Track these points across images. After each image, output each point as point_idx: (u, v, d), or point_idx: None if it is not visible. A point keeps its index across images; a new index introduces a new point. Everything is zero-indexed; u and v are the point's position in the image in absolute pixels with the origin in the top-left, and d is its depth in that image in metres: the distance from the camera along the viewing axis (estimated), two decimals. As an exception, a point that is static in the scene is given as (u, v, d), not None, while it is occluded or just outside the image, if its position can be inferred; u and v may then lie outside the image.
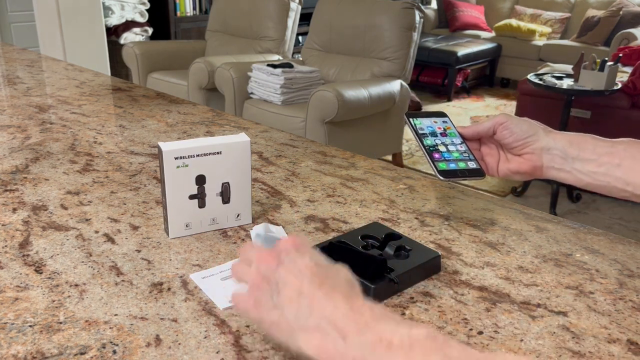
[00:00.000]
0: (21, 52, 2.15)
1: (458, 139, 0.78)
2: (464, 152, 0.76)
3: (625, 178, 0.67)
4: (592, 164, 0.70)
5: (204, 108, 1.44)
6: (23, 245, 0.75)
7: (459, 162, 0.75)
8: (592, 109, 3.22)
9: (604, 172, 0.69)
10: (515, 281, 0.69)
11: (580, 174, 0.71)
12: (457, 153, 0.76)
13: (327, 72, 3.36)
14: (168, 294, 0.65)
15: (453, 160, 0.75)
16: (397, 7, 3.15)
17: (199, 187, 0.76)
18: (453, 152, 0.76)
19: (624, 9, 5.40)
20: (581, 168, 0.70)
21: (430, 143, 0.76)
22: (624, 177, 0.67)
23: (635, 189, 0.67)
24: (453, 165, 0.74)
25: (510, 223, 0.84)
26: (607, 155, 0.69)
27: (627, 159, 0.68)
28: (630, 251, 0.77)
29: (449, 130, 0.79)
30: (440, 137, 0.77)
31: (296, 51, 4.20)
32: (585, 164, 0.70)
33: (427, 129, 0.78)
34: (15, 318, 0.60)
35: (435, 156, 0.75)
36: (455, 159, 0.75)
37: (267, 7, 3.68)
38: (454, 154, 0.76)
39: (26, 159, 1.05)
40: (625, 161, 0.68)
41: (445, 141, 0.77)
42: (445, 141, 0.77)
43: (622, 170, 0.68)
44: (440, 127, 0.79)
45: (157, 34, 4.79)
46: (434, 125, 0.79)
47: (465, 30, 6.31)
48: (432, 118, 0.80)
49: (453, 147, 0.77)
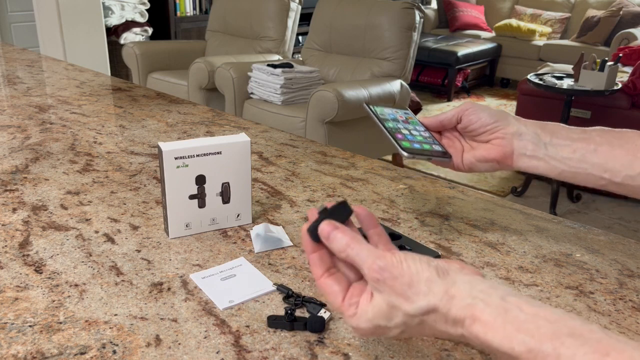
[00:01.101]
0: (21, 52, 2.15)
1: (421, 127, 0.76)
2: (428, 137, 0.74)
3: (602, 164, 0.63)
4: (567, 149, 0.65)
5: (204, 108, 1.44)
6: (23, 245, 0.75)
7: (424, 144, 0.72)
8: (592, 109, 3.22)
9: (579, 157, 0.64)
10: (515, 281, 0.69)
11: (553, 160, 0.66)
12: (420, 137, 0.73)
13: (327, 72, 3.36)
14: (168, 294, 0.65)
15: (417, 142, 0.72)
16: (397, 7, 3.15)
17: (198, 187, 0.76)
18: (417, 136, 0.73)
19: (624, 9, 5.40)
20: (555, 154, 0.66)
21: (392, 126, 0.73)
22: (601, 163, 0.63)
23: (612, 176, 0.63)
24: (417, 145, 0.71)
25: (510, 223, 0.84)
26: (582, 140, 0.65)
27: (603, 144, 0.64)
28: (630, 251, 0.77)
29: (410, 119, 0.77)
30: (403, 124, 0.75)
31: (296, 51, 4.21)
32: (559, 149, 0.65)
33: (389, 116, 0.76)
34: (15, 318, 0.60)
35: (399, 136, 0.71)
36: (420, 141, 0.72)
37: (267, 7, 3.68)
38: (417, 137, 0.73)
39: (26, 159, 1.05)
40: (602, 147, 0.64)
41: (407, 127, 0.75)
42: (407, 127, 0.75)
43: (598, 156, 0.63)
44: (401, 116, 0.77)
45: (157, 34, 4.79)
46: (395, 114, 0.77)
47: (465, 30, 6.31)
48: (393, 108, 0.79)
49: (416, 132, 0.74)
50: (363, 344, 0.57)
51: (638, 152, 0.61)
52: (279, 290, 0.66)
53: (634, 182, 0.61)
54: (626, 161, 0.61)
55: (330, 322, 0.60)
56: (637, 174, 0.61)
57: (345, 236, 0.45)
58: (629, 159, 0.61)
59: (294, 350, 0.56)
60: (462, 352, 0.56)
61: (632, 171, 0.61)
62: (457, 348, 0.57)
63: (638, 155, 0.61)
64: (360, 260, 0.44)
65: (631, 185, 0.62)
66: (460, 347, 0.57)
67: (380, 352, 0.56)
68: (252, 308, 0.63)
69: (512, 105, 5.21)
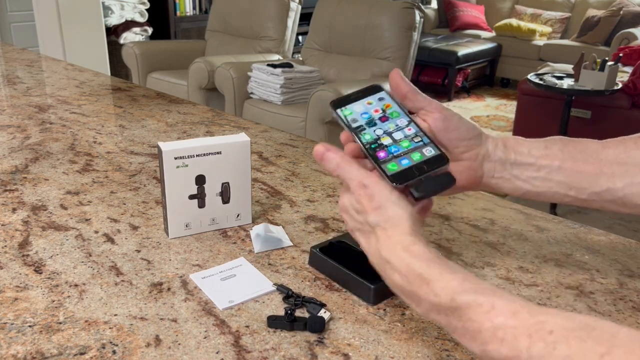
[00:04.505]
0: (21, 52, 2.15)
1: (403, 117, 0.59)
2: (414, 137, 0.57)
3: (567, 182, 0.61)
4: (531, 168, 0.61)
5: (204, 108, 1.44)
6: (23, 245, 0.74)
7: (412, 152, 0.56)
8: (592, 109, 3.22)
9: (543, 176, 0.61)
10: (515, 281, 0.69)
11: (518, 180, 0.62)
12: (406, 141, 0.57)
13: (327, 72, 3.36)
14: (168, 294, 0.65)
15: (404, 154, 0.56)
16: (397, 7, 3.14)
17: (198, 187, 0.76)
18: (401, 141, 0.57)
19: (624, 9, 5.40)
20: (519, 174, 0.62)
21: (370, 138, 0.57)
22: (566, 181, 0.61)
23: (578, 193, 0.61)
24: (406, 161, 0.56)
25: (510, 223, 0.84)
26: (545, 157, 0.61)
27: (567, 160, 0.61)
28: (631, 251, 0.77)
29: (388, 109, 0.60)
30: (381, 124, 0.58)
31: (296, 51, 4.20)
32: (523, 168, 0.62)
33: (362, 118, 0.59)
34: (15, 318, 0.60)
35: (381, 155, 0.56)
36: (407, 151, 0.56)
37: (267, 7, 3.68)
38: (402, 144, 0.57)
39: (26, 159, 1.05)
40: (566, 163, 0.61)
41: (387, 128, 0.58)
42: (387, 128, 0.58)
43: (563, 174, 0.61)
44: (377, 109, 0.60)
45: (157, 34, 4.79)
46: (369, 109, 0.60)
47: (466, 30, 6.31)
48: (365, 99, 0.60)
49: (400, 133, 0.58)
50: (363, 344, 0.57)
51: (603, 166, 0.59)
52: (279, 291, 0.66)
53: (600, 198, 0.60)
54: (591, 178, 0.60)
55: (330, 322, 0.60)
56: (603, 190, 0.59)
57: (337, 156, 0.54)
58: (594, 175, 0.59)
59: (294, 350, 0.56)
60: (462, 352, 0.56)
61: (597, 187, 0.59)
62: (457, 348, 0.57)
63: (604, 170, 0.59)
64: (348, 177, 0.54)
65: (597, 200, 0.61)
66: (460, 347, 0.57)
67: (380, 352, 0.56)
68: (252, 308, 0.63)
69: (512, 105, 5.20)
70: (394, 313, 0.62)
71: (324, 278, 0.69)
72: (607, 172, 0.59)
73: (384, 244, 0.49)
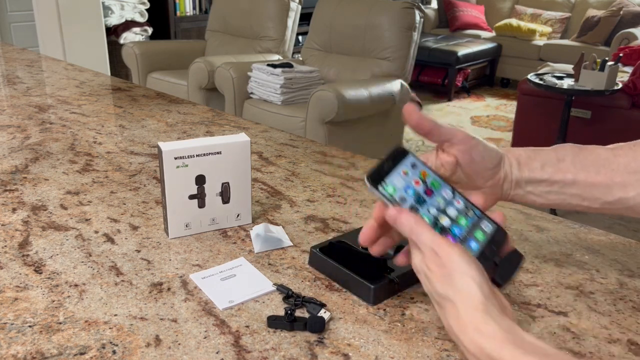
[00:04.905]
0: (21, 52, 2.15)
1: (444, 187, 0.54)
2: (467, 211, 0.53)
3: (580, 194, 0.62)
4: (544, 184, 0.62)
5: (204, 108, 1.44)
6: (23, 245, 0.74)
7: (474, 231, 0.52)
8: (592, 109, 3.22)
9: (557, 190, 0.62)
10: (515, 281, 0.69)
11: (532, 195, 0.63)
12: (462, 218, 0.53)
13: (327, 72, 3.36)
14: (168, 294, 0.65)
15: (468, 235, 0.52)
16: (397, 7, 3.14)
17: (198, 187, 0.76)
18: (458, 219, 0.52)
19: (624, 9, 5.40)
20: (533, 190, 0.63)
21: (429, 221, 0.51)
22: (580, 193, 0.62)
23: (591, 203, 0.62)
24: (474, 244, 0.51)
25: (510, 223, 0.84)
26: (557, 172, 0.62)
27: (580, 172, 0.61)
28: (631, 251, 0.77)
29: (427, 178, 0.54)
30: (430, 199, 0.52)
31: (296, 51, 4.20)
32: (538, 185, 0.62)
33: (409, 195, 0.52)
34: (15, 318, 0.60)
35: None
36: (468, 230, 0.52)
37: (267, 7, 3.68)
38: (461, 222, 0.52)
39: (26, 159, 1.05)
40: (579, 175, 0.61)
41: (438, 204, 0.52)
42: (438, 204, 0.52)
43: (577, 187, 0.61)
44: (416, 179, 0.53)
45: (157, 34, 4.79)
46: (408, 181, 0.53)
47: (466, 30, 6.31)
48: (399, 168, 0.53)
49: (452, 209, 0.53)
50: (363, 344, 0.57)
51: (615, 176, 0.60)
52: (279, 291, 0.66)
53: (613, 207, 0.62)
54: (604, 189, 0.61)
55: (330, 322, 0.60)
56: (615, 199, 0.60)
57: (410, 219, 0.51)
58: (607, 187, 0.61)
59: (294, 350, 0.56)
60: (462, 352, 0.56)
61: (610, 197, 0.61)
62: (457, 348, 0.57)
63: (615, 180, 0.60)
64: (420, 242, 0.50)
65: (610, 208, 0.62)
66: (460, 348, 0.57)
67: (380, 352, 0.56)
68: (252, 308, 0.63)
69: (512, 105, 5.20)
70: (394, 313, 0.62)
71: (324, 278, 0.69)
72: (619, 182, 0.60)
73: (454, 321, 0.47)
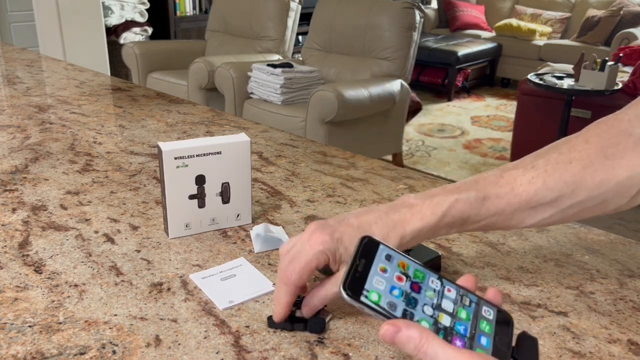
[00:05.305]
0: (21, 52, 2.15)
1: (429, 275, 0.48)
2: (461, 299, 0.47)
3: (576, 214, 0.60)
4: None
5: (203, 108, 1.44)
6: (23, 246, 0.74)
7: (478, 323, 0.46)
8: (592, 109, 3.22)
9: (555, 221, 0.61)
10: (515, 281, 0.69)
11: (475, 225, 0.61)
12: (461, 310, 0.46)
13: (327, 72, 3.36)
14: (168, 294, 0.65)
15: (474, 331, 0.45)
16: (397, 7, 3.15)
17: (198, 187, 0.76)
18: (456, 312, 0.46)
19: (624, 9, 5.40)
20: None
21: (428, 325, 0.44)
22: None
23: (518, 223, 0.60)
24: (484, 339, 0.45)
25: (510, 223, 0.84)
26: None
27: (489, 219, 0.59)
28: (631, 251, 0.77)
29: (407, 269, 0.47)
30: (419, 296, 0.46)
31: (296, 51, 4.21)
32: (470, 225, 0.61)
33: (397, 298, 0.45)
34: (15, 318, 0.60)
35: (457, 344, 0.43)
36: (472, 324, 0.45)
37: (267, 7, 3.68)
38: (460, 315, 0.46)
39: (26, 159, 1.05)
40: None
41: (431, 301, 0.46)
42: (431, 301, 0.46)
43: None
44: (398, 274, 0.46)
45: (157, 34, 4.79)
46: (390, 278, 0.46)
47: (466, 30, 6.32)
48: (375, 265, 0.46)
49: (447, 302, 0.46)
50: (363, 344, 0.57)
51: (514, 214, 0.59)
52: (279, 291, 0.66)
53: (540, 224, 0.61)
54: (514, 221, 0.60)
55: (330, 322, 0.60)
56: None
57: (414, 334, 0.42)
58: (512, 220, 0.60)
59: (294, 350, 0.56)
60: (462, 352, 0.56)
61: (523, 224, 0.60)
62: (457, 348, 0.57)
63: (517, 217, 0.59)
64: None
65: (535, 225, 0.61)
66: (460, 347, 0.57)
67: (380, 352, 0.56)
68: (252, 308, 0.63)
69: (512, 105, 5.20)
70: (394, 313, 0.62)
71: (324, 278, 0.69)
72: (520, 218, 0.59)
73: None
